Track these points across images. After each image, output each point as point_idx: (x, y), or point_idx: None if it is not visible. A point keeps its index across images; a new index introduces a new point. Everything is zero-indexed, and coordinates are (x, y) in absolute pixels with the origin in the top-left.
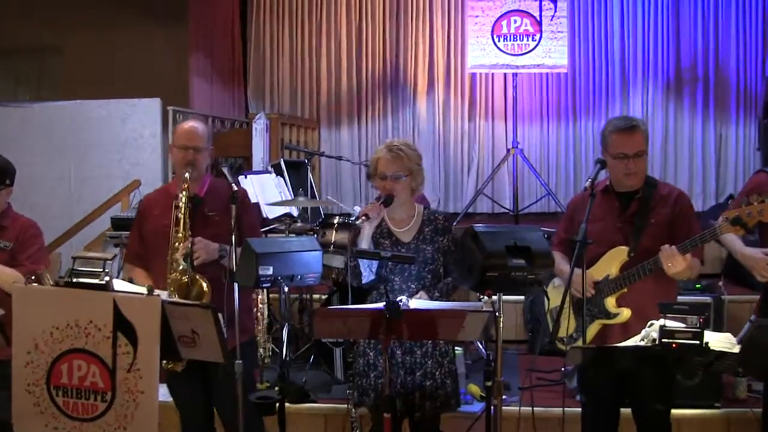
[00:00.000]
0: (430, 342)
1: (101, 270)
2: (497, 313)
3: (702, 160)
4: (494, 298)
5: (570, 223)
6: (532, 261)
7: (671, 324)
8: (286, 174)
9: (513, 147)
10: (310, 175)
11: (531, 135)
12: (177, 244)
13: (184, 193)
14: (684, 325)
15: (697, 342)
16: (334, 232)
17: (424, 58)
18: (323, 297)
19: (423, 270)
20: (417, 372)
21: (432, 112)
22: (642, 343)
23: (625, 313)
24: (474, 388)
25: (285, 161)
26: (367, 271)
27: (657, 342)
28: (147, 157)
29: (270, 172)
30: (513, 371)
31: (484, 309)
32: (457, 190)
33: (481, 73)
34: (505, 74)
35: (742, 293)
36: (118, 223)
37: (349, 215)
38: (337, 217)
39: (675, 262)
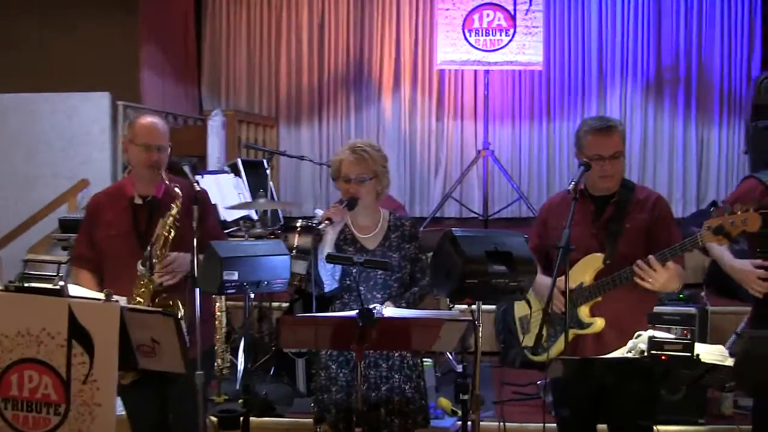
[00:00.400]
0: (396, 354)
1: (55, 274)
2: (477, 322)
3: (683, 164)
4: (473, 306)
5: (543, 228)
6: (514, 267)
7: (661, 335)
8: (243, 174)
9: (484, 148)
10: (268, 175)
11: (502, 136)
12: (155, 261)
13: (174, 209)
14: (673, 336)
15: (688, 354)
16: (297, 236)
17: (390, 53)
18: (284, 305)
19: (389, 279)
20: (382, 387)
21: (398, 110)
22: (630, 355)
23: (599, 323)
24: (445, 402)
25: (242, 161)
26: (330, 278)
27: (645, 354)
28: (96, 155)
29: (227, 172)
30: (486, 384)
31: (463, 318)
32: (423, 193)
33: (450, 70)
34: (476, 71)
35: (725, 304)
36: (66, 225)
37: (311, 218)
38: (300, 221)
39: (653, 276)
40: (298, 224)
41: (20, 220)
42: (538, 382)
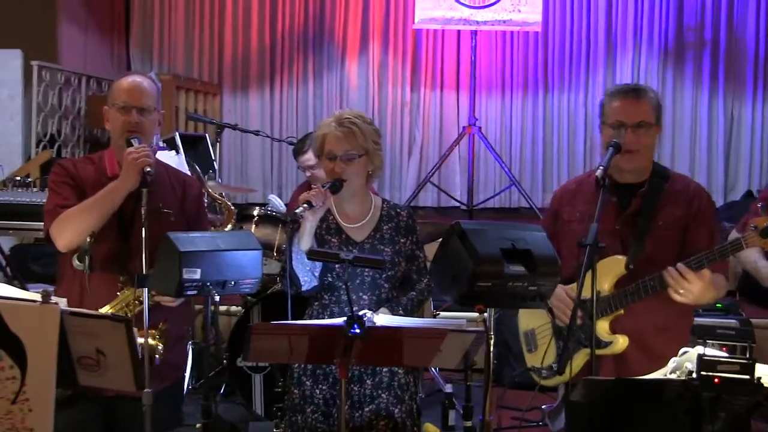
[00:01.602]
0: (385, 370)
1: None
2: (489, 334)
3: (707, 145)
4: (485, 314)
5: (553, 221)
6: (534, 268)
7: (713, 353)
8: (182, 151)
9: (470, 124)
10: (212, 153)
11: (490, 110)
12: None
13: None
14: (727, 355)
15: (748, 377)
16: (254, 226)
17: (356, 9)
18: (232, 308)
19: (379, 277)
20: (366, 407)
21: (365, 77)
22: (674, 376)
23: (621, 342)
24: (431, 428)
25: (181, 135)
26: (309, 275)
27: (693, 375)
28: (3, 126)
29: (164, 148)
30: (479, 407)
31: (471, 329)
32: (394, 176)
33: (429, 30)
34: (460, 32)
35: (762, 315)
36: None
37: (265, 206)
38: (257, 209)
39: (685, 287)
40: (255, 213)
41: None
42: (543, 407)
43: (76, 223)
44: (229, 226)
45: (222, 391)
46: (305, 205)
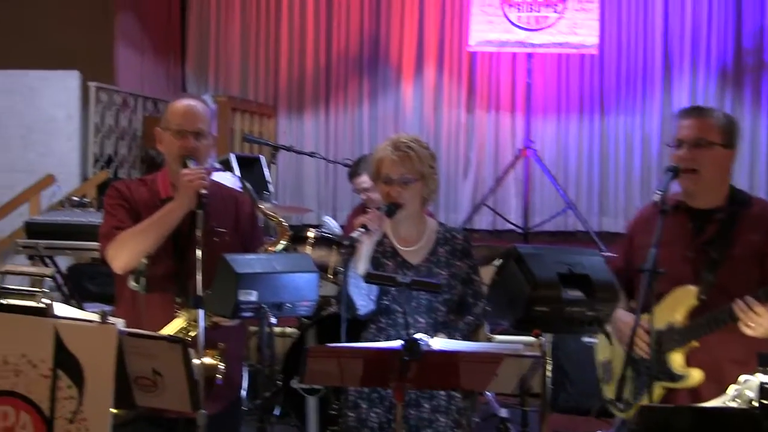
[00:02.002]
0: (443, 393)
1: (38, 290)
2: (546, 359)
3: (766, 169)
4: (542, 339)
5: (630, 248)
6: (592, 293)
7: None
8: (238, 173)
9: (525, 147)
10: (267, 174)
11: (546, 132)
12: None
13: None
14: None
15: None
16: (309, 248)
17: (412, 31)
18: (287, 330)
19: (435, 300)
20: (423, 431)
21: (420, 99)
22: (734, 404)
23: (695, 376)
24: None
25: (236, 156)
26: (365, 299)
27: (754, 403)
28: (61, 146)
29: (220, 169)
30: None
31: (528, 353)
32: (449, 198)
33: (485, 53)
34: (515, 54)
35: None
36: (34, 229)
37: (320, 227)
38: (312, 230)
39: (754, 320)
40: (311, 234)
41: None
42: None
43: (131, 245)
44: (282, 243)
45: (277, 413)
46: (361, 229)
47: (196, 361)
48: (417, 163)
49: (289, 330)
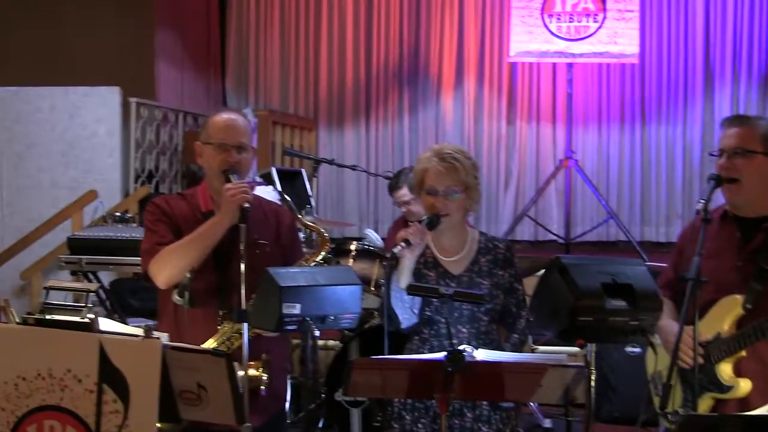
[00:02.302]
0: (486, 403)
1: (83, 305)
2: (590, 369)
3: None
4: (587, 349)
5: (679, 259)
6: (635, 303)
7: None
8: (278, 186)
9: (566, 157)
10: (308, 188)
11: (587, 142)
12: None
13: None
14: None
15: None
16: (351, 261)
17: (452, 43)
18: (330, 342)
19: (478, 310)
20: None
21: (460, 111)
22: None
23: (743, 386)
24: None
25: (277, 170)
26: (408, 312)
27: None
28: (102, 162)
29: (262, 183)
30: None
31: (572, 363)
32: (490, 209)
33: (525, 63)
34: (556, 65)
35: None
36: (76, 245)
37: (361, 240)
38: (354, 243)
39: None
40: (353, 247)
41: (11, 237)
42: None
43: (175, 260)
44: (322, 254)
45: (320, 425)
46: (403, 244)
47: (240, 373)
48: (462, 174)
49: (331, 342)
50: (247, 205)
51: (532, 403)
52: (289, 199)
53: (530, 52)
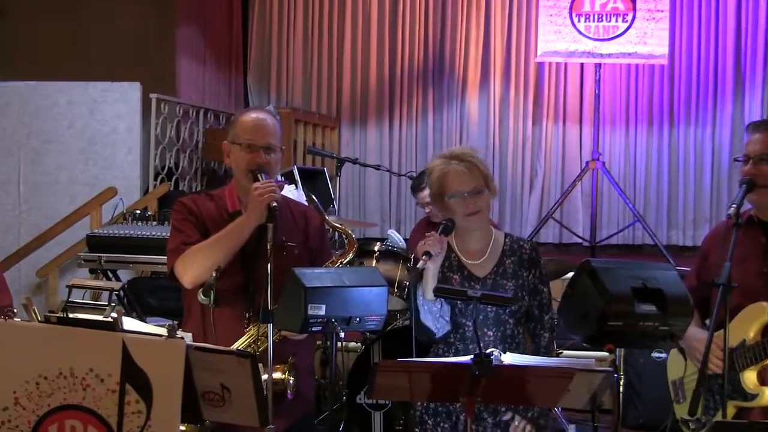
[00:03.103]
0: (505, 408)
1: (106, 303)
2: (618, 375)
3: None
4: (616, 354)
5: (704, 265)
6: (665, 308)
7: None
8: (300, 185)
9: (593, 159)
10: (330, 187)
11: (614, 144)
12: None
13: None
14: None
15: None
16: (375, 262)
17: (478, 42)
18: (350, 344)
19: (503, 313)
20: None
21: (486, 111)
22: None
23: None
24: None
25: (299, 169)
26: (441, 321)
27: None
28: (122, 159)
29: (284, 182)
30: None
31: (600, 368)
32: (515, 211)
33: (552, 63)
34: (583, 65)
35: None
36: (95, 243)
37: (383, 241)
38: (378, 244)
39: None
40: (376, 248)
41: (28, 234)
42: None
43: (201, 260)
44: (350, 255)
45: (341, 428)
46: (425, 257)
47: (264, 376)
48: (483, 171)
49: (352, 344)
50: (274, 204)
51: (556, 408)
52: (315, 200)
53: (558, 51)
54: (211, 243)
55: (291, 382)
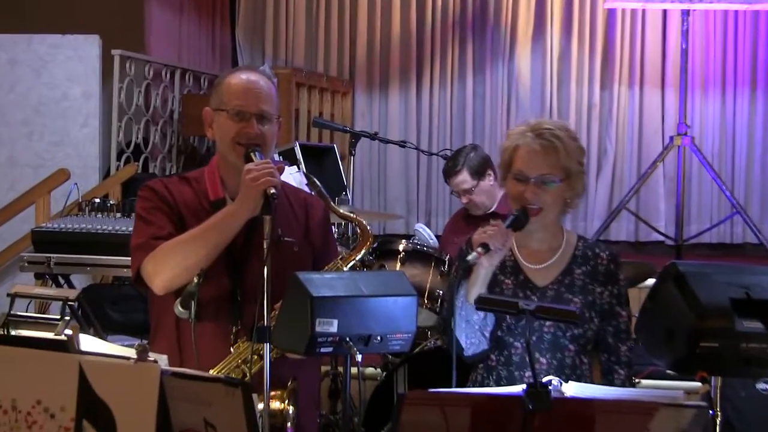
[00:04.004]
0: None
1: (57, 317)
2: (715, 410)
3: None
4: (711, 383)
5: None
6: None
7: None
8: (303, 166)
9: (679, 134)
10: (342, 169)
11: (707, 115)
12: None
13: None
14: None
15: None
16: (399, 264)
17: None
18: (368, 370)
19: (563, 336)
20: None
21: (540, 72)
22: None
23: None
24: None
25: (301, 146)
26: (478, 336)
27: None
28: (76, 133)
29: (283, 162)
30: None
31: (690, 403)
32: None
33: (626, 10)
34: (665, 12)
35: None
36: (43, 239)
37: (410, 238)
38: (403, 242)
39: None
40: (401, 247)
41: None
42: None
43: (178, 258)
44: (362, 252)
45: None
46: (480, 249)
47: (260, 406)
48: (563, 158)
49: (370, 370)
50: (273, 191)
51: None
52: (318, 183)
53: None
54: (189, 238)
55: (291, 412)
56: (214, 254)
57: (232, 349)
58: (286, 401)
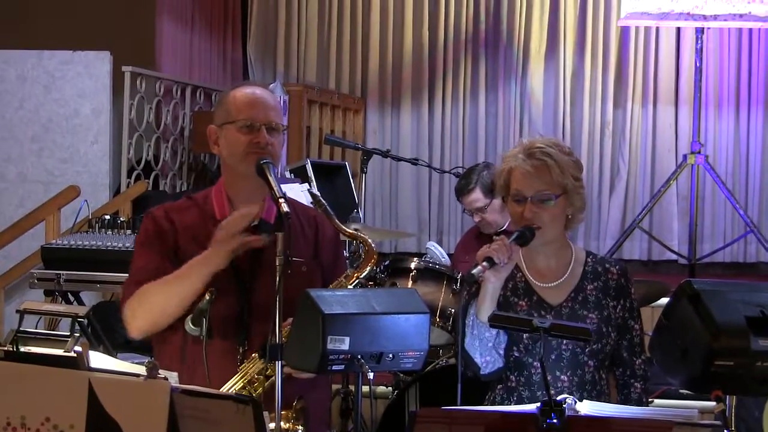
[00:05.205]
0: None
1: (67, 334)
2: (727, 430)
3: None
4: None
5: None
6: None
7: None
8: (314, 184)
9: (692, 152)
10: (353, 187)
11: (720, 132)
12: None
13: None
14: None
15: None
16: (410, 282)
17: (542, 3)
18: (378, 389)
19: (581, 353)
20: None
21: (553, 90)
22: None
23: None
24: None
25: (312, 163)
26: (492, 354)
27: None
28: (86, 149)
29: (294, 180)
30: None
31: (705, 422)
32: (591, 219)
33: (640, 28)
34: (679, 30)
35: None
36: (53, 257)
37: (422, 256)
38: (415, 260)
39: None
40: (412, 265)
41: None
42: None
43: (155, 303)
44: (368, 269)
45: None
46: (485, 263)
47: (271, 426)
48: (557, 175)
49: (381, 389)
50: (286, 208)
51: None
52: (323, 201)
53: (647, 13)
54: (165, 282)
55: (300, 431)
56: (181, 306)
57: (239, 367)
58: (293, 420)
